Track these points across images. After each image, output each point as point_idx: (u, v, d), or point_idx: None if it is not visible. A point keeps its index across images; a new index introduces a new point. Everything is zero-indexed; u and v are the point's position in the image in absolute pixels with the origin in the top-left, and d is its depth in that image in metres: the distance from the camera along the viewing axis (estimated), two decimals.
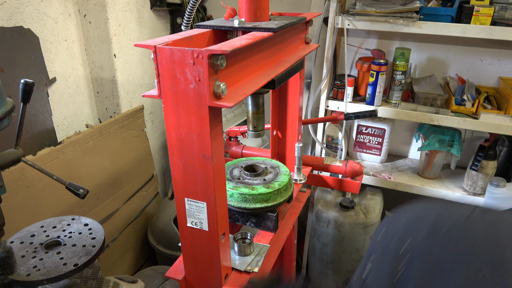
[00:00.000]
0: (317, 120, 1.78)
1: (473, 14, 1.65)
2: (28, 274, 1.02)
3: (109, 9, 1.91)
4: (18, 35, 1.61)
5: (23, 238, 1.17)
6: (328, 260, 2.26)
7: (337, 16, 1.84)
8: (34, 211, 1.61)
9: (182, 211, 0.88)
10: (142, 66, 2.24)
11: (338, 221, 2.13)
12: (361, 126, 2.21)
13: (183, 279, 0.98)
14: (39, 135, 1.78)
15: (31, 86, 1.00)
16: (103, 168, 1.95)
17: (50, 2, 1.74)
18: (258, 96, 1.06)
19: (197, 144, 0.78)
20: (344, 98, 2.01)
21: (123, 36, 2.04)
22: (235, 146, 1.58)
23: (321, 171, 1.74)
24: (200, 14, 2.39)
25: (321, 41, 2.10)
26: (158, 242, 2.13)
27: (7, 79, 1.60)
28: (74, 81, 1.96)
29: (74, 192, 1.08)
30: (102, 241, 1.16)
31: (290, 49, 1.10)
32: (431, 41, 2.04)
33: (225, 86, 0.72)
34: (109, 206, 2.01)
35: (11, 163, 1.01)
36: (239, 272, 1.00)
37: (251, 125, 1.11)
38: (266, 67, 0.93)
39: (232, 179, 1.14)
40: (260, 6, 0.94)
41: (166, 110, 0.78)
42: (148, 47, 0.72)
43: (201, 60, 0.68)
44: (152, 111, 2.41)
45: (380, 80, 1.89)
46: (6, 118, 0.91)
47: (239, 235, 1.12)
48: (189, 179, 0.83)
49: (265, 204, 1.08)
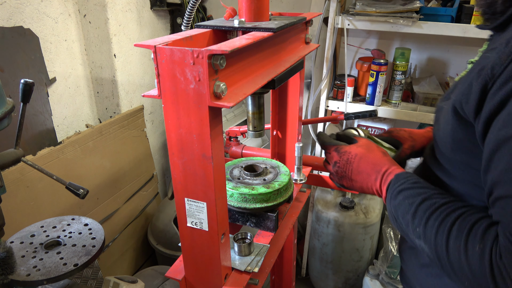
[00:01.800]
0: (317, 120, 1.78)
1: (473, 14, 1.65)
2: (28, 274, 1.02)
3: (109, 9, 1.91)
4: (18, 35, 1.61)
5: (23, 238, 1.17)
6: (328, 260, 2.26)
7: (337, 16, 1.84)
8: (34, 211, 1.61)
9: (182, 211, 0.88)
10: (142, 66, 2.24)
11: (338, 221, 2.13)
12: (361, 126, 2.20)
13: (183, 279, 0.98)
14: (39, 135, 1.78)
15: (31, 86, 1.00)
16: (103, 168, 1.95)
17: (50, 2, 1.74)
18: (258, 96, 1.06)
19: (197, 144, 0.78)
20: (344, 98, 2.01)
21: (123, 36, 2.04)
22: (235, 146, 1.57)
23: (321, 171, 1.74)
24: (200, 14, 2.39)
25: (321, 41, 2.10)
26: (158, 242, 2.13)
27: (7, 79, 1.60)
28: (74, 81, 1.96)
29: (74, 192, 1.08)
30: (102, 241, 1.16)
31: (290, 49, 1.10)
32: (431, 41, 2.04)
33: (225, 86, 0.72)
34: (109, 206, 2.01)
35: (11, 163, 1.01)
36: (239, 272, 1.00)
37: (251, 125, 1.11)
38: (266, 67, 0.93)
39: (232, 179, 1.13)
40: (260, 6, 0.94)
41: (166, 110, 0.77)
42: (148, 47, 0.72)
43: (201, 60, 0.68)
44: (152, 111, 2.41)
45: (380, 80, 1.89)
46: (6, 118, 0.91)
47: (239, 235, 1.12)
48: (189, 179, 0.83)
49: (265, 204, 1.07)
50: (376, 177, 0.80)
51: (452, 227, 0.61)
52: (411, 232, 0.68)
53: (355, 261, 2.22)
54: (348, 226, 2.12)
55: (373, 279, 2.10)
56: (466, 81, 0.66)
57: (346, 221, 2.12)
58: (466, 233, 0.60)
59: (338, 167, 0.87)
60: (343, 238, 2.16)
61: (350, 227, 2.12)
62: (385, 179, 0.78)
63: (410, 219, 0.68)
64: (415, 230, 0.67)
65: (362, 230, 2.13)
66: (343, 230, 2.14)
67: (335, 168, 0.88)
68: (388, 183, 0.77)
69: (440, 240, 0.62)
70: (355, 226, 2.11)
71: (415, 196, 0.70)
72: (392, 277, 2.04)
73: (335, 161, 0.89)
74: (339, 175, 0.87)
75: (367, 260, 2.27)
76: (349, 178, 0.85)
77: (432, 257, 0.65)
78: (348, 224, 2.12)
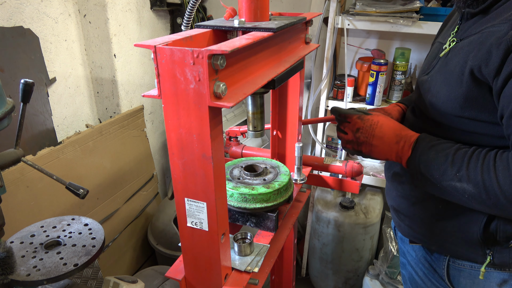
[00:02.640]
0: (317, 120, 1.78)
1: None
2: (28, 274, 1.02)
3: (109, 9, 1.91)
4: (18, 35, 1.61)
5: (23, 238, 1.17)
6: (328, 260, 2.26)
7: (337, 16, 1.84)
8: (34, 211, 1.61)
9: (182, 211, 0.88)
10: (142, 66, 2.24)
11: (338, 221, 2.13)
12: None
13: (183, 279, 0.98)
14: (39, 135, 1.78)
15: (31, 86, 1.00)
16: (103, 168, 1.95)
17: (50, 2, 1.74)
18: (258, 96, 1.06)
19: (197, 144, 0.78)
20: (344, 98, 2.01)
21: (123, 36, 2.04)
22: (235, 146, 1.57)
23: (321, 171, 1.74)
24: (200, 14, 2.39)
25: (321, 41, 2.10)
26: (158, 242, 2.13)
27: (7, 79, 1.60)
28: (74, 81, 1.96)
29: (74, 192, 1.08)
30: (102, 241, 1.16)
31: (290, 49, 1.10)
32: (431, 41, 2.04)
33: (225, 86, 0.72)
34: (109, 206, 2.01)
35: (11, 163, 1.01)
36: (239, 272, 1.00)
37: (251, 125, 1.11)
38: (266, 67, 0.93)
39: (232, 179, 1.14)
40: (260, 6, 0.94)
41: (166, 110, 0.78)
42: (148, 47, 0.72)
43: (201, 60, 0.68)
44: (152, 111, 2.41)
45: (380, 80, 1.89)
46: (6, 118, 0.91)
47: (239, 235, 1.12)
48: (189, 179, 0.83)
49: (265, 204, 1.08)
50: (398, 140, 0.90)
51: (495, 163, 0.74)
52: (448, 179, 0.79)
53: (355, 261, 2.22)
54: (348, 226, 2.12)
55: (373, 279, 2.10)
56: (470, 50, 0.81)
57: (346, 221, 2.12)
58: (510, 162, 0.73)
59: (361, 132, 0.96)
60: (343, 238, 2.16)
61: (350, 227, 2.12)
62: (408, 140, 0.89)
63: (448, 167, 0.80)
64: (455, 175, 0.78)
65: (362, 230, 2.13)
66: (343, 230, 2.14)
67: (358, 134, 0.96)
68: (413, 144, 0.88)
69: (487, 175, 0.74)
70: (355, 226, 2.12)
71: (446, 149, 0.82)
72: (392, 277, 2.04)
73: (358, 127, 0.97)
74: (360, 141, 0.96)
75: (367, 260, 2.27)
76: (370, 144, 0.94)
77: (477, 195, 0.76)
78: (348, 224, 2.12)
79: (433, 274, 1.07)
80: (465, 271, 0.99)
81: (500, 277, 0.95)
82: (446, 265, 1.02)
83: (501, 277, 0.95)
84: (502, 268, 0.95)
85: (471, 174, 0.77)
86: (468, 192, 0.78)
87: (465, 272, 0.99)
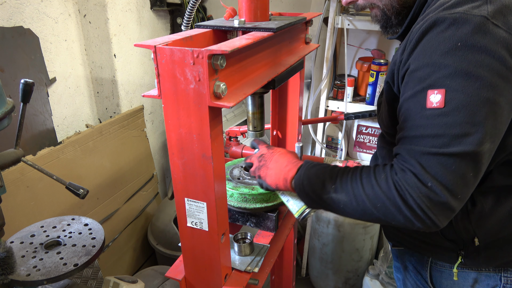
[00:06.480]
0: (317, 120, 1.78)
1: None
2: (28, 274, 1.02)
3: (109, 9, 1.91)
4: (18, 35, 1.61)
5: (23, 238, 1.17)
6: (328, 260, 2.26)
7: (337, 16, 1.84)
8: (34, 211, 1.61)
9: (182, 211, 0.88)
10: (142, 66, 2.24)
11: (338, 221, 2.13)
12: (361, 126, 2.21)
13: (183, 279, 0.98)
14: (39, 135, 1.78)
15: (31, 86, 1.00)
16: (103, 168, 1.95)
17: (50, 2, 1.74)
18: (258, 96, 1.07)
19: (197, 144, 0.78)
20: (344, 98, 2.01)
21: (123, 36, 2.04)
22: (235, 146, 1.57)
23: None
24: (200, 14, 2.40)
25: (321, 41, 2.10)
26: (158, 242, 2.13)
27: (7, 79, 1.60)
28: (74, 81, 1.96)
29: (74, 192, 1.08)
30: (102, 241, 1.16)
31: (290, 49, 1.10)
32: None
33: (225, 86, 0.72)
34: (109, 206, 2.01)
35: (11, 163, 1.01)
36: (239, 272, 1.00)
37: (251, 125, 1.11)
38: (266, 67, 0.93)
39: (232, 179, 1.14)
40: (260, 6, 0.95)
41: (166, 110, 0.78)
42: (148, 47, 0.72)
43: (201, 60, 0.68)
44: (152, 111, 2.41)
45: (380, 80, 1.89)
46: (6, 118, 0.91)
47: (239, 235, 1.12)
48: (189, 179, 0.83)
49: (265, 204, 1.08)
50: (287, 164, 0.96)
51: (361, 173, 0.82)
52: (327, 192, 0.85)
53: (355, 261, 2.22)
54: (348, 226, 2.12)
55: (373, 279, 2.10)
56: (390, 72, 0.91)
57: (346, 221, 2.12)
58: (372, 172, 0.80)
59: (263, 157, 1.03)
60: (343, 238, 2.16)
61: (350, 227, 2.12)
62: (296, 165, 0.95)
63: (326, 180, 0.86)
64: (331, 187, 0.84)
65: (362, 230, 2.13)
66: (343, 230, 2.14)
67: (260, 158, 1.03)
68: (298, 166, 0.94)
69: (355, 183, 0.81)
70: (355, 226, 2.12)
71: (326, 167, 0.89)
72: (392, 277, 2.04)
73: (262, 153, 1.04)
74: (260, 164, 1.02)
75: (367, 260, 2.27)
76: (267, 167, 1.00)
77: (348, 203, 0.82)
78: (348, 224, 2.12)
79: (417, 276, 1.09)
80: (446, 272, 1.01)
81: (472, 276, 0.98)
82: (429, 267, 1.04)
83: (473, 276, 0.97)
84: (473, 268, 0.97)
85: (343, 184, 0.82)
86: (343, 202, 0.82)
87: (446, 273, 1.01)
